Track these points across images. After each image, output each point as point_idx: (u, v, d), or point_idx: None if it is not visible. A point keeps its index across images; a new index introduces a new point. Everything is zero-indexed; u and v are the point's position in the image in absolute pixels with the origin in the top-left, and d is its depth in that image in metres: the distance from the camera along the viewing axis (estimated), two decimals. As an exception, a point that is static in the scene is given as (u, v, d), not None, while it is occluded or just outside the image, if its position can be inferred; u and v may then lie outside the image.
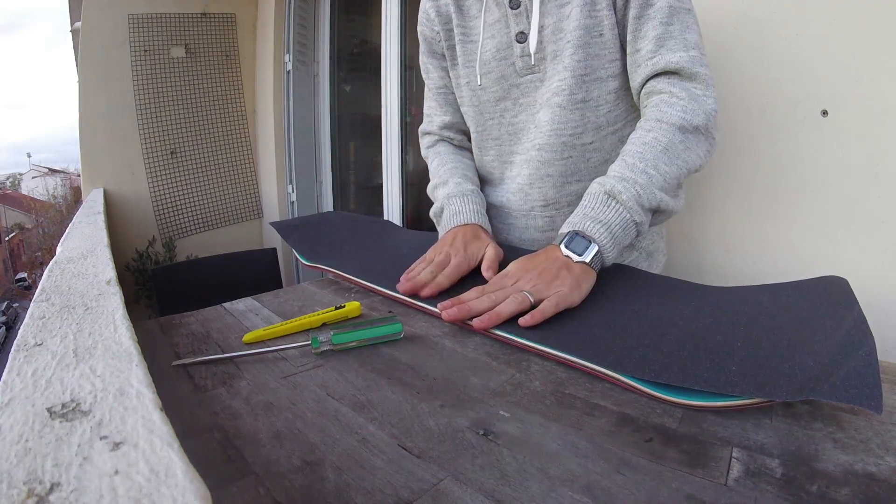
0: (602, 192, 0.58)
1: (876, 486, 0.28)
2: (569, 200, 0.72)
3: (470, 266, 0.63)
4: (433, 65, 0.81)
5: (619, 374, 0.40)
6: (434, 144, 0.88)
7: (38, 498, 0.19)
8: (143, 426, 0.24)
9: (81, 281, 0.52)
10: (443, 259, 0.63)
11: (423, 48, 0.81)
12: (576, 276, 0.53)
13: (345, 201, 2.58)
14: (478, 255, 0.64)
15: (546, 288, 0.51)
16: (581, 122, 0.68)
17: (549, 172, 0.71)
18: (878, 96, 0.71)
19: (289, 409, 0.37)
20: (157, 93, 2.35)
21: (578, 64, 0.65)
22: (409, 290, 0.59)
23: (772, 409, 0.36)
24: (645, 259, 0.76)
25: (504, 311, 0.49)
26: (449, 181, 0.77)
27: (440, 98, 0.84)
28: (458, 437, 0.34)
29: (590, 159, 0.70)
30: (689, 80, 0.61)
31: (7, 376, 0.29)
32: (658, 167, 0.58)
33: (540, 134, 0.70)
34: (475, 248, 0.65)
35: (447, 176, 0.78)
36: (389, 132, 1.91)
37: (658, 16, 0.61)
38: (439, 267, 0.61)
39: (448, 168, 0.80)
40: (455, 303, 0.52)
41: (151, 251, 2.37)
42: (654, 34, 0.61)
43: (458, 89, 0.80)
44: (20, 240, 31.24)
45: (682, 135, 0.59)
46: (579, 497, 0.28)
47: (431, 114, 0.86)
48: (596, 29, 0.64)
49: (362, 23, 2.42)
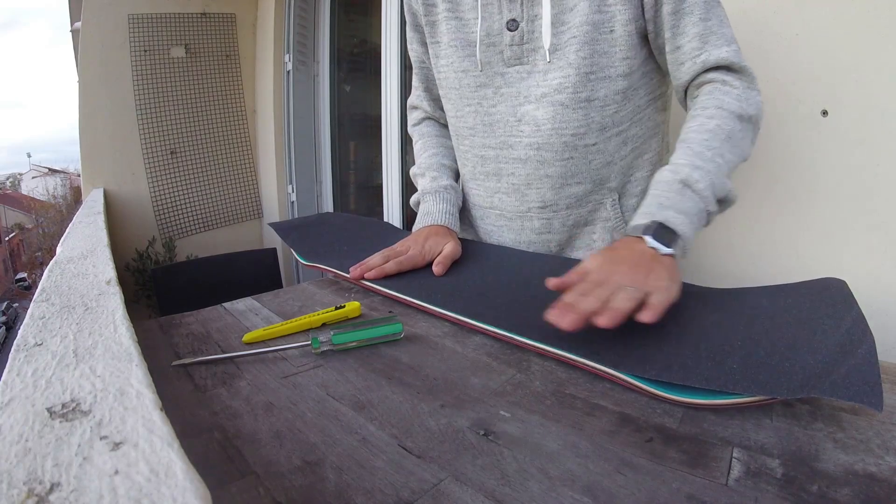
0: (676, 181, 0.55)
1: (876, 486, 0.28)
2: (567, 203, 0.70)
3: (424, 259, 0.67)
4: (417, 39, 0.81)
5: (620, 373, 0.40)
6: (419, 123, 0.89)
7: (38, 498, 0.19)
8: (143, 426, 0.24)
9: (81, 281, 0.52)
10: (400, 249, 0.68)
11: (409, 20, 0.81)
12: (668, 269, 0.49)
13: (345, 201, 2.58)
14: (434, 251, 0.68)
15: (644, 282, 0.47)
16: (584, 122, 0.65)
17: (548, 173, 0.68)
18: (878, 96, 0.71)
19: (289, 409, 0.37)
20: (157, 93, 2.35)
21: (584, 61, 0.62)
22: (358, 275, 0.65)
23: (772, 408, 0.36)
24: None
25: (623, 308, 0.43)
26: (426, 173, 0.80)
27: (420, 74, 0.85)
28: (458, 437, 0.34)
29: (592, 161, 0.67)
30: (737, 73, 0.61)
31: (7, 376, 0.29)
32: (724, 155, 0.56)
33: (538, 132, 0.67)
34: (433, 244, 0.69)
35: (425, 166, 0.81)
36: (389, 132, 1.91)
37: (696, 11, 0.59)
38: (394, 254, 0.67)
39: (428, 155, 0.83)
40: (565, 309, 0.45)
41: (151, 251, 2.37)
42: (695, 31, 0.60)
43: (436, 70, 0.77)
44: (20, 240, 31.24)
45: (740, 123, 0.58)
46: (580, 497, 0.28)
47: (417, 86, 0.87)
48: (606, 25, 0.61)
49: (362, 23, 2.42)
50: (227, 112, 2.58)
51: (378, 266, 0.65)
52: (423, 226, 0.74)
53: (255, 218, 2.73)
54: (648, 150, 0.71)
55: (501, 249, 0.73)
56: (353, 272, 0.65)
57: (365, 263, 0.66)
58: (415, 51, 0.82)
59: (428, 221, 0.74)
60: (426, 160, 0.82)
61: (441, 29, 0.73)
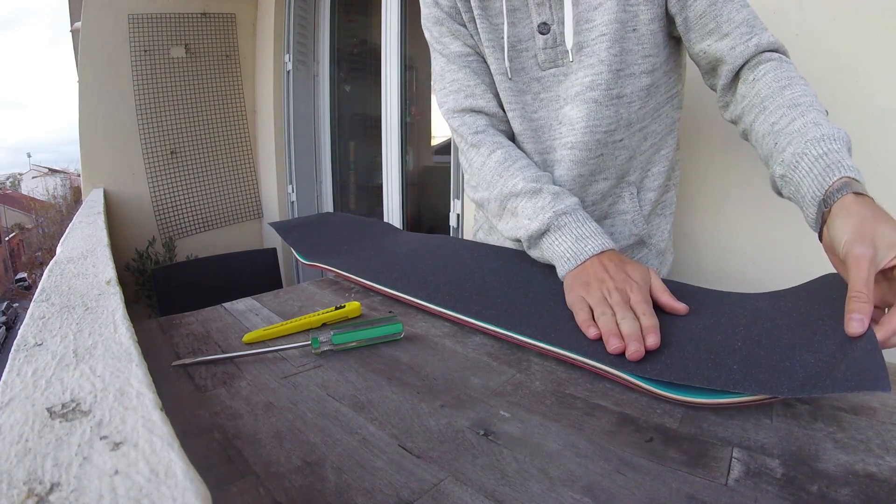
0: (840, 139, 0.48)
1: (876, 486, 0.28)
2: (593, 199, 0.70)
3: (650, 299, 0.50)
4: (453, 30, 0.68)
5: (620, 372, 0.40)
6: (485, 130, 0.69)
7: (38, 498, 0.19)
8: (143, 426, 0.24)
9: (81, 281, 0.52)
10: (620, 299, 0.48)
11: (433, 15, 0.70)
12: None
13: (345, 201, 2.58)
14: (646, 280, 0.52)
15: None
16: (615, 119, 0.65)
17: (581, 172, 0.67)
18: (878, 96, 0.71)
19: (289, 409, 0.37)
20: (157, 93, 2.35)
21: (615, 58, 0.62)
22: (620, 350, 0.43)
23: (772, 408, 0.36)
24: (656, 257, 0.75)
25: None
26: (543, 189, 0.61)
27: (470, 68, 0.69)
28: (458, 437, 0.34)
29: (618, 157, 0.68)
30: (783, 53, 0.61)
31: (7, 376, 0.29)
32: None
33: (572, 131, 0.66)
34: (634, 272, 0.52)
35: (532, 181, 0.62)
36: (389, 132, 1.91)
37: (735, 0, 0.60)
38: (625, 308, 0.47)
39: (524, 168, 0.64)
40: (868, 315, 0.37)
41: (151, 251, 2.37)
42: (741, 17, 0.60)
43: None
44: (20, 240, 31.24)
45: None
46: (580, 497, 0.28)
47: (467, 85, 0.69)
48: (630, 24, 0.62)
49: (362, 23, 2.42)
50: (227, 112, 2.59)
51: (634, 333, 0.44)
52: (591, 255, 0.55)
53: (255, 218, 2.73)
54: (665, 146, 0.72)
55: (502, 249, 0.73)
56: (612, 348, 0.43)
57: (617, 335, 0.44)
58: (453, 46, 0.69)
59: (594, 248, 0.55)
60: (530, 176, 0.63)
61: (478, 27, 0.68)
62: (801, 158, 0.48)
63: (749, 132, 0.60)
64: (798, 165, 0.49)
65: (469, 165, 0.70)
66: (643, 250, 0.75)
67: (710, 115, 0.89)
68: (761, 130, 0.56)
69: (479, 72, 0.69)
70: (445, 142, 2.01)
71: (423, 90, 2.01)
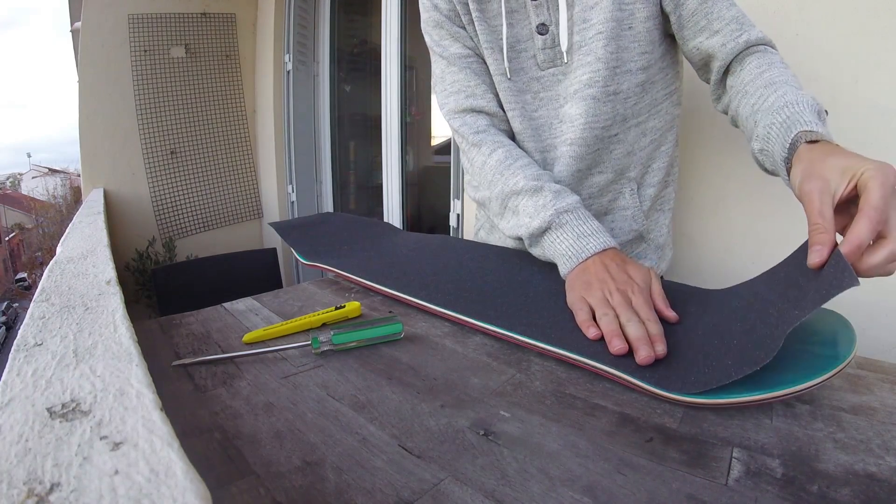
0: (802, 102, 0.49)
1: (876, 487, 0.28)
2: (589, 193, 0.71)
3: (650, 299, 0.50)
4: (452, 33, 0.70)
5: (621, 372, 0.40)
6: (486, 129, 0.69)
7: (38, 498, 0.19)
8: (143, 426, 0.24)
9: (81, 281, 0.52)
10: (622, 300, 0.48)
11: (433, 18, 0.71)
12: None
13: (345, 201, 2.58)
14: (646, 282, 0.51)
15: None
16: (611, 115, 0.67)
17: (579, 167, 0.68)
18: (878, 96, 0.71)
19: (289, 409, 0.37)
20: (157, 93, 2.35)
21: (612, 56, 0.64)
22: (622, 351, 0.42)
23: (772, 408, 0.36)
24: (654, 252, 0.76)
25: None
26: (544, 187, 0.61)
27: (471, 69, 0.70)
28: (458, 437, 0.34)
29: (613, 151, 0.69)
30: (770, 46, 0.63)
31: (7, 376, 0.29)
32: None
33: (572, 128, 0.67)
34: (635, 273, 0.52)
35: (533, 179, 0.62)
36: (389, 132, 1.91)
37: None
38: (629, 311, 0.46)
39: (525, 167, 0.64)
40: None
41: (151, 251, 2.37)
42: (730, 14, 0.62)
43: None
44: (20, 240, 31.23)
45: None
46: (580, 497, 0.28)
47: (468, 85, 0.70)
48: (626, 21, 0.64)
49: (362, 23, 2.42)
50: (227, 112, 2.59)
51: (642, 337, 0.43)
52: (592, 253, 0.55)
53: (255, 218, 2.73)
54: (665, 143, 0.73)
55: (502, 249, 0.73)
56: (615, 349, 0.43)
57: (620, 337, 0.44)
58: (452, 48, 0.70)
59: (595, 246, 0.55)
60: (531, 174, 0.63)
61: (476, 28, 0.69)
62: (769, 129, 0.51)
63: (736, 118, 0.62)
64: (769, 137, 0.51)
65: (470, 165, 0.71)
66: (642, 245, 0.75)
67: (709, 115, 0.89)
68: (744, 114, 0.58)
69: (480, 72, 0.71)
70: (445, 142, 2.01)
71: (423, 90, 2.01)
